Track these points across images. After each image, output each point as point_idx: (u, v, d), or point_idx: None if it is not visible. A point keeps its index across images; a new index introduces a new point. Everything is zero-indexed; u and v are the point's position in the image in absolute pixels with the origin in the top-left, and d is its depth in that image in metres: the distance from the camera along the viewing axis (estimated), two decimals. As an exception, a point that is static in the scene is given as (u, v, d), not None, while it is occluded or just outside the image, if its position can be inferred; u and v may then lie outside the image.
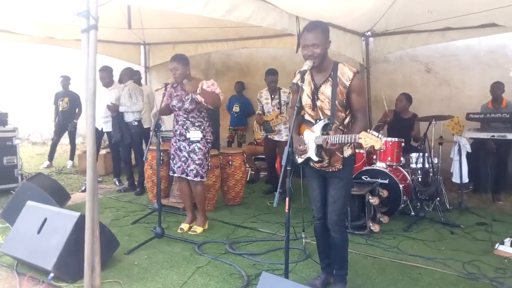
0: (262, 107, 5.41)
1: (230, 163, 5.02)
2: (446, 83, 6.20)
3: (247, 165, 6.06)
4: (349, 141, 2.47)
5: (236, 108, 7.20)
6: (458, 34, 5.33)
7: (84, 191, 5.32)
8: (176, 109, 3.95)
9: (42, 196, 3.94)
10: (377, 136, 2.35)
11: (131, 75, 5.84)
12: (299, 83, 2.48)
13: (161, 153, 4.40)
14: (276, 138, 5.34)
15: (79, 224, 2.88)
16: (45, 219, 3.08)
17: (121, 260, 3.35)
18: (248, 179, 6.27)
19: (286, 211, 2.53)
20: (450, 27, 5.18)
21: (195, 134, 3.92)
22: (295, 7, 4.16)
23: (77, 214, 2.98)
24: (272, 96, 5.31)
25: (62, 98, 7.56)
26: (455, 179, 5.09)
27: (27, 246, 3.07)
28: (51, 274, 2.83)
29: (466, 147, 4.97)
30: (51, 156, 7.70)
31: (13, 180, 5.46)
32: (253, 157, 6.62)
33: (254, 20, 3.82)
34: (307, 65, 2.50)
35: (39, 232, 3.04)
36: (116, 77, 6.04)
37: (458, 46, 5.96)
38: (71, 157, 7.76)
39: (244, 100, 7.31)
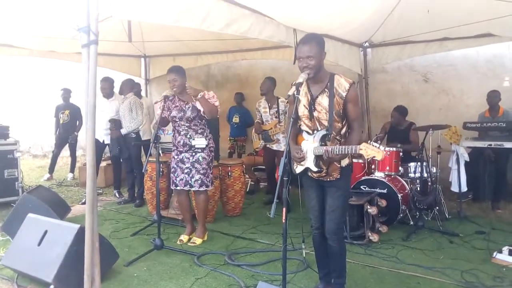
0: (261, 116, 5.46)
1: (229, 174, 5.04)
2: (444, 92, 6.26)
3: (247, 176, 6.09)
4: (349, 152, 2.51)
5: (236, 119, 7.25)
6: (455, 44, 5.40)
7: (84, 203, 5.29)
8: (177, 120, 3.99)
9: (42, 208, 3.98)
10: (378, 147, 2.40)
11: (132, 87, 5.89)
12: (295, 95, 2.53)
13: (161, 165, 4.43)
14: (275, 147, 5.38)
15: (79, 236, 2.90)
16: (46, 231, 3.10)
17: (120, 272, 3.37)
18: (248, 190, 6.29)
19: (283, 221, 2.55)
20: (448, 37, 5.24)
21: (200, 142, 3.98)
22: (292, 20, 4.23)
23: (77, 226, 3.01)
24: (270, 105, 5.36)
25: (63, 111, 7.62)
26: (454, 188, 5.10)
27: (27, 258, 3.09)
28: (51, 286, 2.84)
29: (464, 156, 5.00)
30: (51, 169, 7.74)
31: (14, 193, 5.49)
32: (252, 168, 6.65)
33: (252, 33, 3.89)
34: (302, 77, 2.55)
35: (39, 244, 3.07)
36: (116, 89, 6.10)
37: (455, 56, 6.03)
38: (72, 170, 7.80)
39: (243, 111, 7.37)
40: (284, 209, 2.55)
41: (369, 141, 2.47)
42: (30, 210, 3.66)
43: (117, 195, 6.13)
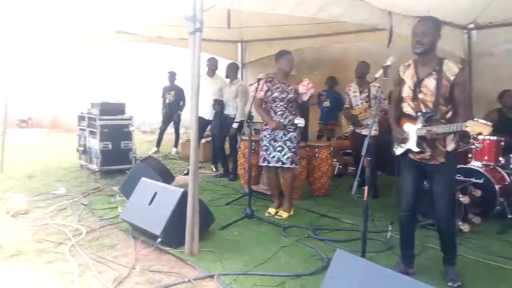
0: (350, 100, 5.47)
1: (316, 155, 5.21)
2: (561, 78, 5.57)
3: (334, 159, 6.17)
4: (454, 129, 2.53)
5: (326, 103, 7.30)
6: None
7: (186, 174, 5.99)
8: (278, 100, 4.29)
9: (152, 175, 4.58)
10: (485, 123, 2.37)
11: (236, 71, 6.34)
12: (382, 78, 2.60)
13: (253, 143, 4.78)
14: (364, 132, 5.36)
15: (182, 199, 3.36)
16: (155, 193, 3.64)
17: (215, 234, 3.81)
18: (335, 173, 6.38)
19: (365, 199, 2.67)
20: None
21: (300, 121, 4.31)
22: (387, 2, 4.17)
23: (181, 190, 3.48)
24: (361, 90, 5.34)
25: (169, 92, 8.47)
26: None
27: (140, 215, 3.67)
28: (159, 239, 3.35)
29: None
30: (158, 143, 8.69)
31: (128, 161, 6.34)
32: (341, 152, 6.69)
33: (344, 17, 3.95)
34: (390, 60, 2.62)
35: (150, 203, 3.62)
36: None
37: None
38: (175, 145, 8.65)
39: (335, 95, 7.36)
40: (366, 187, 2.66)
41: (475, 118, 2.42)
42: (142, 175, 4.25)
43: (213, 169, 6.71)
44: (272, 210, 4.51)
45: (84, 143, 6.62)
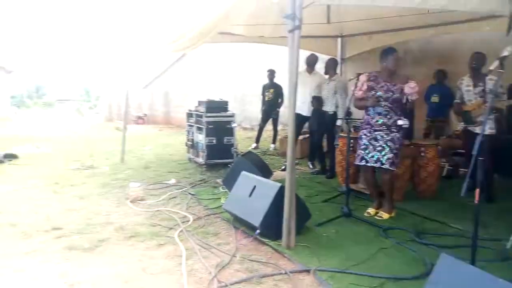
0: (462, 95, 5.00)
1: (422, 154, 4.89)
2: None
3: (443, 160, 5.72)
4: None
5: (435, 99, 6.79)
6: None
7: (283, 170, 6.11)
8: (382, 100, 4.14)
9: (251, 169, 4.77)
10: None
11: (336, 67, 6.28)
12: (498, 70, 2.35)
13: (351, 140, 4.68)
14: (477, 130, 4.87)
15: (280, 193, 3.45)
16: (255, 186, 3.80)
17: (311, 230, 3.83)
18: (444, 174, 5.92)
19: (476, 201, 2.45)
20: None
21: (404, 122, 4.13)
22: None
23: (279, 184, 3.58)
24: (475, 83, 4.85)
25: (268, 90, 8.70)
26: None
27: (241, 206, 3.88)
28: (258, 231, 3.50)
29: None
30: (257, 139, 8.99)
31: (229, 156, 6.68)
32: (451, 151, 6.17)
33: (454, 5, 3.62)
34: (507, 51, 2.35)
35: (250, 195, 3.79)
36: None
37: None
38: (274, 141, 8.87)
39: (445, 90, 6.80)
40: (477, 190, 2.44)
41: None
42: (243, 169, 4.46)
43: (310, 166, 6.72)
44: (371, 211, 4.37)
45: (192, 138, 7.16)
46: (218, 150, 6.61)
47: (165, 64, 16.61)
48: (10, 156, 7.63)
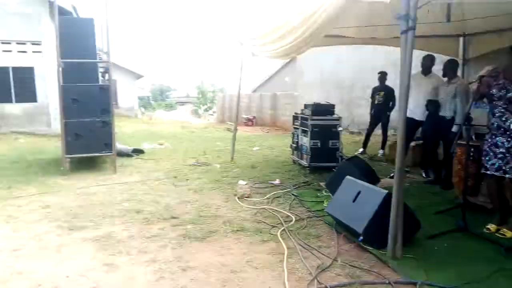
0: None
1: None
2: None
3: None
4: None
5: None
6: None
7: (392, 177, 5.81)
8: (495, 99, 3.74)
9: (356, 174, 4.66)
10: None
11: (456, 68, 5.75)
12: None
13: (471, 149, 4.26)
14: None
15: (386, 201, 3.33)
16: (359, 192, 3.72)
17: (421, 242, 3.60)
18: None
19: None
20: None
21: None
22: None
23: (385, 191, 3.45)
24: None
25: (379, 92, 8.37)
26: None
27: (343, 211, 3.82)
28: (361, 237, 3.41)
29: None
30: (365, 144, 8.70)
31: (334, 159, 6.61)
32: None
33: None
34: None
35: (354, 201, 3.72)
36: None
37: None
38: (382, 147, 8.47)
39: None
40: None
41: None
42: (347, 174, 4.40)
43: (424, 174, 6.29)
44: (492, 227, 3.92)
45: (297, 141, 7.27)
46: (323, 153, 6.60)
47: (274, 69, 17.12)
48: (138, 151, 8.68)
